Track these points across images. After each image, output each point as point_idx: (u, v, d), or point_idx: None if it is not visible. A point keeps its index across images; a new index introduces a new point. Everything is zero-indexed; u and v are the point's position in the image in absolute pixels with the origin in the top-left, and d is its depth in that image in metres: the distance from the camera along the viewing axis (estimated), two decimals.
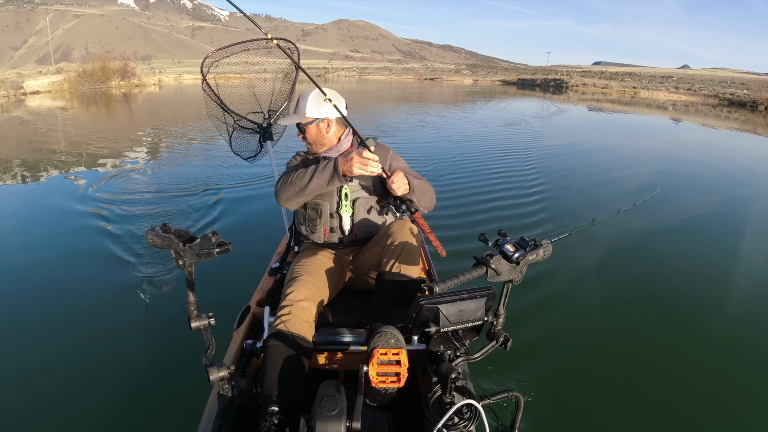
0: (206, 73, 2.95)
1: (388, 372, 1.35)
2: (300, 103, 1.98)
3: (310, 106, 1.94)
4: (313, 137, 1.99)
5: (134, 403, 2.38)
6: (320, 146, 2.01)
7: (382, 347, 1.35)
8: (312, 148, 2.03)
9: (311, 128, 1.97)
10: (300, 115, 1.96)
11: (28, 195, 6.43)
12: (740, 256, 4.74)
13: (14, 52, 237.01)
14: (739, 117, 25.92)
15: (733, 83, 58.34)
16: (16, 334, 2.96)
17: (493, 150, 10.11)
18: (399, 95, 32.17)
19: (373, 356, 1.34)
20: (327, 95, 1.89)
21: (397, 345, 1.36)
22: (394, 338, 1.38)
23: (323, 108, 1.94)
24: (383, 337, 1.38)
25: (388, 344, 1.36)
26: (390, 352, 1.35)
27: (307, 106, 1.94)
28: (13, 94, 24.91)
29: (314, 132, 1.98)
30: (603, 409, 2.49)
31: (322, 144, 2.00)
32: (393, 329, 1.39)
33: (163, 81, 40.66)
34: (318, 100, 1.93)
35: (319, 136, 1.98)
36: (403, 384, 1.36)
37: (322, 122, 1.96)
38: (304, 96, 1.98)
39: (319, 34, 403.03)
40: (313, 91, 1.96)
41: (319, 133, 1.98)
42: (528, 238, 1.30)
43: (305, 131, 1.99)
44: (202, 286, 1.35)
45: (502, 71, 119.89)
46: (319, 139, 1.99)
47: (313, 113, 1.94)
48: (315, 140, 2.00)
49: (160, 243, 1.23)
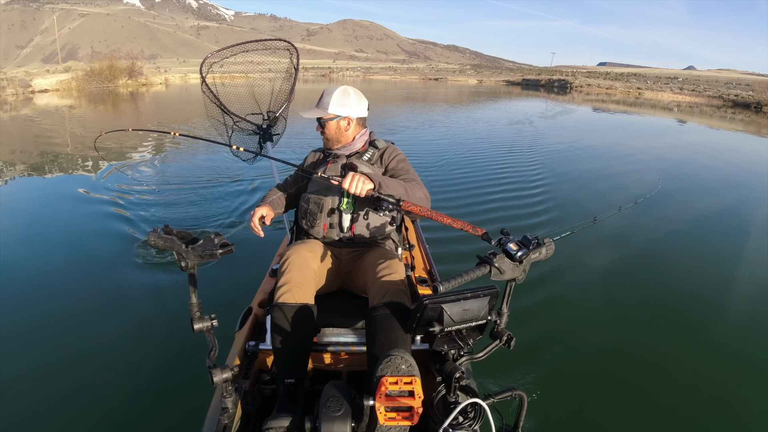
0: (205, 74, 2.95)
1: (399, 407, 1.13)
2: (324, 98, 2.02)
3: (334, 102, 1.99)
4: (332, 133, 2.04)
5: (138, 404, 2.38)
6: (336, 143, 2.06)
7: (392, 375, 1.14)
8: (328, 143, 2.09)
9: (331, 124, 2.02)
10: (323, 110, 2.00)
11: (30, 192, 6.47)
12: (743, 256, 4.72)
13: (20, 51, 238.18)
14: (744, 118, 25.85)
15: (739, 84, 58.02)
16: (18, 332, 2.97)
17: (496, 149, 10.11)
18: (404, 95, 32.15)
19: (380, 387, 1.12)
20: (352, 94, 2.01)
21: (409, 372, 1.16)
22: (406, 363, 1.17)
23: (346, 106, 2.00)
24: (392, 363, 1.16)
25: (399, 371, 1.15)
26: (401, 381, 1.12)
27: (331, 103, 1.99)
28: (22, 92, 25.14)
29: (334, 128, 2.03)
30: (606, 409, 2.48)
31: (338, 141, 2.06)
32: (404, 353, 1.19)
33: (169, 80, 40.87)
34: (342, 98, 2.00)
35: (338, 133, 2.04)
36: (416, 421, 1.13)
37: (342, 120, 2.02)
38: (329, 92, 2.02)
39: (324, 34, 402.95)
40: (338, 87, 2.02)
41: (339, 130, 2.03)
42: (531, 236, 1.30)
43: (325, 126, 2.03)
44: (204, 288, 1.35)
45: (506, 71, 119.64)
46: (338, 136, 2.05)
47: (336, 110, 1.99)
48: (333, 137, 2.05)
49: (163, 245, 1.23)
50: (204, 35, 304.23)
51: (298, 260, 1.76)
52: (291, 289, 1.67)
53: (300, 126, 11.04)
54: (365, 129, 2.12)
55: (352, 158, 2.03)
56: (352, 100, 2.01)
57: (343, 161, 2.03)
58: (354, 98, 2.02)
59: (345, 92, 2.00)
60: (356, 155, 2.05)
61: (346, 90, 2.02)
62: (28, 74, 30.02)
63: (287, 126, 3.24)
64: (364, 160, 2.02)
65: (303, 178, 2.17)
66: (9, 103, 20.63)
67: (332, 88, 2.04)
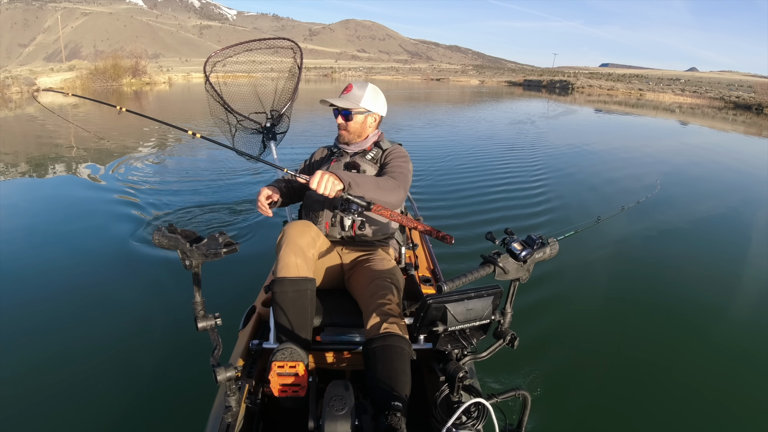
0: (209, 73, 2.95)
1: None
2: (356, 91, 2.01)
3: (368, 97, 2.00)
4: (357, 127, 2.03)
5: (141, 403, 2.38)
6: (357, 137, 2.06)
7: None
8: (348, 137, 2.06)
9: (359, 118, 2.02)
10: (354, 102, 1.99)
11: (32, 190, 6.47)
12: (746, 257, 4.72)
13: (23, 50, 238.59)
14: (745, 120, 25.89)
15: (741, 86, 58.00)
16: (22, 329, 2.97)
17: (499, 150, 10.11)
18: (406, 95, 32.17)
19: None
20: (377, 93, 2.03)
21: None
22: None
23: (377, 103, 2.02)
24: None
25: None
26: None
27: (365, 96, 1.99)
28: (27, 90, 25.24)
29: (360, 122, 2.03)
30: (609, 409, 2.48)
31: (359, 135, 2.05)
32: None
33: (173, 79, 41.05)
34: (374, 93, 2.01)
35: (362, 128, 2.04)
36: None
37: (371, 116, 2.03)
38: (362, 86, 2.02)
39: (327, 33, 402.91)
40: (368, 84, 2.03)
41: (364, 124, 2.04)
42: (535, 236, 1.30)
43: (351, 119, 2.01)
44: (208, 287, 1.36)
45: (509, 72, 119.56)
46: (360, 130, 2.04)
47: (369, 105, 2.00)
48: (356, 131, 2.04)
49: (167, 244, 1.23)
50: (206, 35, 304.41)
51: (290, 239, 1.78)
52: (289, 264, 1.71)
53: (304, 125, 11.06)
54: (378, 129, 2.13)
55: (356, 156, 2.03)
56: (381, 99, 2.04)
57: (347, 159, 2.02)
58: (382, 98, 2.06)
59: (376, 90, 2.02)
60: (361, 153, 2.05)
61: (376, 88, 2.03)
62: (32, 73, 30.09)
63: (290, 125, 3.24)
64: (367, 159, 2.02)
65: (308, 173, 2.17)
66: (14, 101, 20.81)
67: (363, 83, 2.03)
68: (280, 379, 1.46)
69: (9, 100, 20.85)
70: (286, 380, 1.46)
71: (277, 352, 1.50)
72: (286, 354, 1.49)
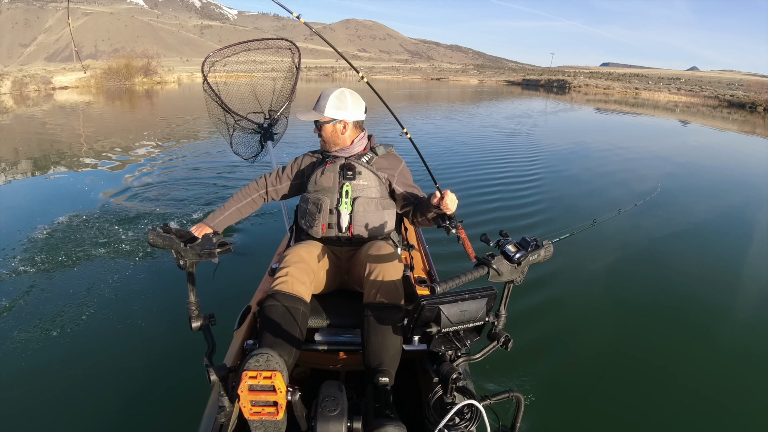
0: (207, 72, 2.95)
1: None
2: (321, 101, 2.01)
3: (330, 106, 1.98)
4: (329, 136, 2.03)
5: (134, 403, 2.38)
6: (334, 145, 2.05)
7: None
8: (325, 145, 2.08)
9: (327, 127, 2.02)
10: (319, 112, 1.99)
11: (33, 189, 6.48)
12: (743, 258, 4.71)
13: (23, 49, 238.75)
14: (738, 118, 26.13)
15: (741, 85, 58.06)
16: (19, 330, 2.96)
17: (494, 150, 10.09)
18: (406, 95, 32.13)
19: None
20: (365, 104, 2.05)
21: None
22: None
23: (342, 110, 1.99)
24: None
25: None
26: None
27: (327, 106, 1.98)
28: (43, 88, 25.78)
29: (330, 131, 2.02)
30: (603, 412, 2.47)
31: (335, 143, 2.05)
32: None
33: (181, 79, 41.67)
34: (338, 101, 1.99)
35: (334, 136, 2.03)
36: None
37: (338, 123, 2.01)
38: (326, 95, 2.01)
39: (327, 33, 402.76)
40: (335, 90, 2.01)
41: (335, 133, 2.02)
42: (529, 238, 1.29)
43: (321, 129, 2.03)
44: (202, 287, 1.35)
45: (509, 72, 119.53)
46: (334, 138, 2.03)
47: (332, 113, 1.99)
48: (329, 139, 2.04)
49: (161, 243, 1.23)
50: (207, 34, 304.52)
51: (295, 257, 1.77)
52: (287, 281, 1.69)
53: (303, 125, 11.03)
54: (363, 132, 2.10)
55: (351, 159, 2.03)
56: (348, 104, 1.99)
57: (342, 162, 2.02)
58: (350, 102, 2.01)
59: (341, 96, 1.99)
60: (355, 157, 2.05)
61: (342, 93, 2.00)
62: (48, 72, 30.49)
63: (288, 125, 3.25)
64: (362, 162, 2.02)
65: (298, 176, 2.17)
66: (32, 99, 21.18)
67: (329, 91, 2.02)
68: (252, 395, 1.16)
69: (27, 98, 21.32)
70: (259, 396, 1.16)
71: (250, 359, 1.18)
72: (261, 361, 1.17)
